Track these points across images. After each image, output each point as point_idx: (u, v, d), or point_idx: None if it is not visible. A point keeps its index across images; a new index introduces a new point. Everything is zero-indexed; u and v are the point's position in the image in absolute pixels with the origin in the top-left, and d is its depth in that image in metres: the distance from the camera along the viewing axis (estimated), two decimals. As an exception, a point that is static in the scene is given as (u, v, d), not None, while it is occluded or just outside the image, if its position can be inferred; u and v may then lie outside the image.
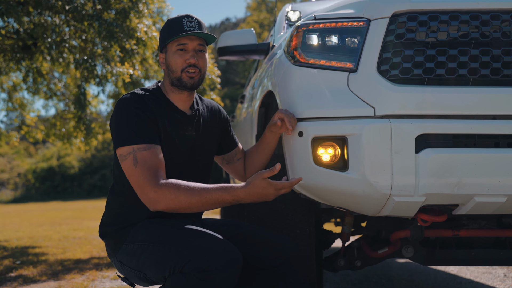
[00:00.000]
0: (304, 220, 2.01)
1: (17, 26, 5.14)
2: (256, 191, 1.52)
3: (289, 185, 1.54)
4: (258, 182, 1.52)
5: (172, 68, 1.72)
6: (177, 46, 1.71)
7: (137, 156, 1.58)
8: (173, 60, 1.72)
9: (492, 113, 1.60)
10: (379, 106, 1.61)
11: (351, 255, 2.29)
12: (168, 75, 1.75)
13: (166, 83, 1.78)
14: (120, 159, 1.61)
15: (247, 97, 3.18)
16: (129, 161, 1.58)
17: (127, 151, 1.59)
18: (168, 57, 1.74)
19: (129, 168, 1.58)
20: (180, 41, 1.71)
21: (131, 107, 1.64)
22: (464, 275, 3.56)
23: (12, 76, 7.43)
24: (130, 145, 1.59)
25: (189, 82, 1.72)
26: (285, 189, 1.55)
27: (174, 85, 1.74)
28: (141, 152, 1.58)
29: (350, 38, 1.71)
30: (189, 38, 1.71)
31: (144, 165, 1.56)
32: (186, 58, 1.71)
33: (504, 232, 2.12)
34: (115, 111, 1.67)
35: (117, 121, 1.64)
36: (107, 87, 7.68)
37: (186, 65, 1.71)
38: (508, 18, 1.63)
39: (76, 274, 3.53)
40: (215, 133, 1.90)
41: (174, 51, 1.72)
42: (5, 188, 25.15)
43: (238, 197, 1.52)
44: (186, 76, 1.71)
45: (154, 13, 6.50)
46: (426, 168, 1.55)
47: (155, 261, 1.53)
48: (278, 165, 1.49)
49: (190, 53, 1.71)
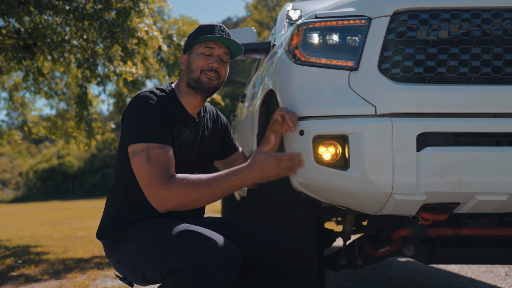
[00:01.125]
0: (305, 219, 2.01)
1: (18, 26, 5.14)
2: (257, 165, 1.53)
3: (289, 157, 1.55)
4: (258, 157, 1.54)
5: (193, 68, 1.73)
6: (204, 49, 1.72)
7: (151, 154, 1.57)
8: (196, 61, 1.72)
9: (493, 111, 1.60)
10: (380, 104, 1.61)
11: (352, 253, 2.29)
12: (186, 75, 1.75)
13: (181, 85, 1.78)
14: (132, 155, 1.60)
15: (248, 96, 3.18)
16: (142, 157, 1.57)
17: (141, 148, 1.58)
18: (191, 58, 1.74)
19: (140, 165, 1.57)
20: (208, 44, 1.72)
21: (150, 105, 1.63)
22: (465, 274, 3.55)
23: (13, 76, 7.44)
24: (145, 143, 1.58)
25: (207, 84, 1.72)
26: (285, 161, 1.55)
27: (190, 86, 1.74)
28: (155, 150, 1.58)
29: (351, 36, 1.71)
30: (217, 44, 1.73)
31: (157, 163, 1.56)
32: (209, 61, 1.72)
33: (505, 230, 2.12)
34: (132, 106, 1.65)
35: (134, 117, 1.63)
36: (108, 86, 7.69)
37: (208, 68, 1.72)
38: (509, 16, 1.63)
39: (77, 273, 3.53)
40: (217, 139, 1.92)
41: (199, 53, 1.72)
42: (7, 187, 25.19)
43: (242, 174, 1.53)
44: (205, 77, 1.72)
45: (155, 13, 6.51)
46: (427, 167, 1.54)
47: (153, 260, 1.53)
48: (273, 138, 1.51)
49: (214, 58, 1.73)
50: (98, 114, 8.93)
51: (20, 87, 7.40)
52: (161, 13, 6.97)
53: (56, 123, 7.59)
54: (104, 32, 4.84)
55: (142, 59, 5.76)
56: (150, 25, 5.37)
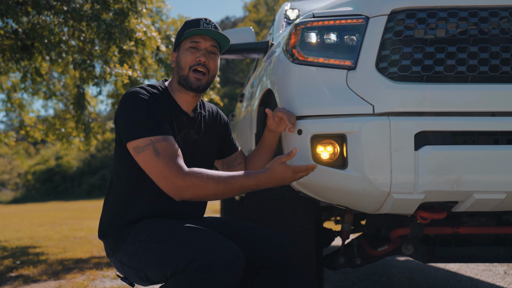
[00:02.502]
0: (304, 218, 2.01)
1: (16, 26, 5.13)
2: (276, 175, 1.55)
3: (305, 169, 1.55)
4: (277, 167, 1.55)
5: (182, 65, 1.72)
6: (190, 44, 1.71)
7: (157, 147, 1.55)
8: (184, 57, 1.72)
9: (491, 110, 1.60)
10: (378, 103, 1.61)
11: (351, 253, 2.29)
12: (177, 73, 1.75)
13: (173, 82, 1.78)
14: (136, 152, 1.58)
15: (247, 96, 3.18)
16: (149, 152, 1.55)
17: (145, 143, 1.56)
18: (179, 55, 1.74)
19: (149, 160, 1.55)
20: (194, 39, 1.71)
21: (142, 99, 1.62)
22: (464, 272, 3.56)
23: (11, 77, 7.43)
24: (148, 137, 1.57)
25: (195, 84, 1.72)
26: (302, 172, 1.56)
27: (181, 84, 1.73)
28: (160, 143, 1.57)
29: (349, 35, 1.71)
30: (202, 38, 1.72)
31: (166, 155, 1.55)
32: (197, 56, 1.71)
33: (504, 229, 2.12)
34: (123, 104, 1.64)
35: (128, 113, 1.61)
36: (106, 87, 7.68)
37: (196, 63, 1.70)
38: (506, 15, 1.63)
39: (76, 273, 3.53)
40: (216, 137, 1.90)
41: (187, 48, 1.72)
42: (6, 188, 25.15)
43: (260, 182, 1.55)
44: (193, 76, 1.71)
45: (153, 13, 6.50)
46: (425, 166, 1.55)
47: (156, 261, 1.52)
48: (295, 149, 1.52)
49: (201, 51, 1.72)
50: (97, 114, 8.91)
51: (18, 88, 7.40)
52: (159, 13, 6.97)
53: (54, 124, 7.58)
54: (102, 33, 4.83)
55: (140, 59, 5.76)
56: (148, 25, 5.37)
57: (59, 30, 5.31)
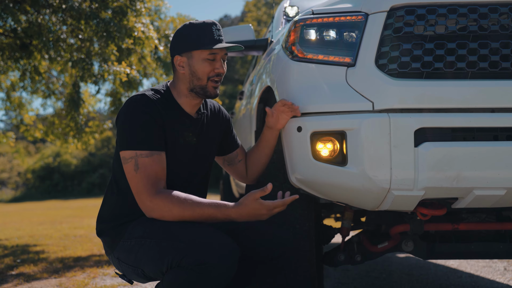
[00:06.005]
0: (303, 215, 2.01)
1: (14, 25, 5.12)
2: (248, 212, 1.54)
3: (282, 204, 1.55)
4: (250, 203, 1.54)
5: (199, 75, 1.71)
6: (208, 55, 1.69)
7: (139, 162, 1.59)
8: (201, 68, 1.70)
9: (490, 106, 1.60)
10: (378, 100, 1.61)
11: (351, 250, 2.29)
12: (190, 81, 1.72)
13: (181, 87, 1.75)
14: (123, 161, 1.63)
15: (246, 93, 3.17)
16: (130, 165, 1.60)
17: (130, 155, 1.60)
18: (194, 64, 1.70)
19: (129, 173, 1.61)
20: (212, 51, 1.70)
21: (140, 110, 1.64)
22: (464, 269, 3.56)
23: (10, 76, 7.42)
24: (133, 150, 1.60)
25: (214, 92, 1.73)
26: (278, 208, 1.56)
27: (195, 92, 1.73)
28: (143, 158, 1.60)
29: (348, 32, 1.71)
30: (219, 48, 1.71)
31: (144, 172, 1.58)
32: (215, 67, 1.71)
33: (503, 225, 2.12)
34: (123, 111, 1.66)
35: (124, 122, 1.64)
36: (104, 85, 7.67)
37: (214, 74, 1.71)
38: (506, 11, 1.63)
39: (77, 271, 3.53)
40: (217, 134, 1.91)
41: (204, 59, 1.70)
42: (6, 187, 25.16)
43: (229, 217, 1.56)
44: (211, 86, 1.72)
45: (151, 11, 6.49)
46: (425, 162, 1.55)
47: (152, 257, 1.54)
48: (270, 185, 1.51)
49: (219, 62, 1.72)
50: (96, 112, 8.90)
51: (17, 87, 7.39)
52: (158, 12, 6.96)
53: (54, 123, 7.58)
54: (100, 31, 4.82)
55: (139, 58, 5.75)
56: (147, 24, 5.36)
57: (57, 28, 5.30)
